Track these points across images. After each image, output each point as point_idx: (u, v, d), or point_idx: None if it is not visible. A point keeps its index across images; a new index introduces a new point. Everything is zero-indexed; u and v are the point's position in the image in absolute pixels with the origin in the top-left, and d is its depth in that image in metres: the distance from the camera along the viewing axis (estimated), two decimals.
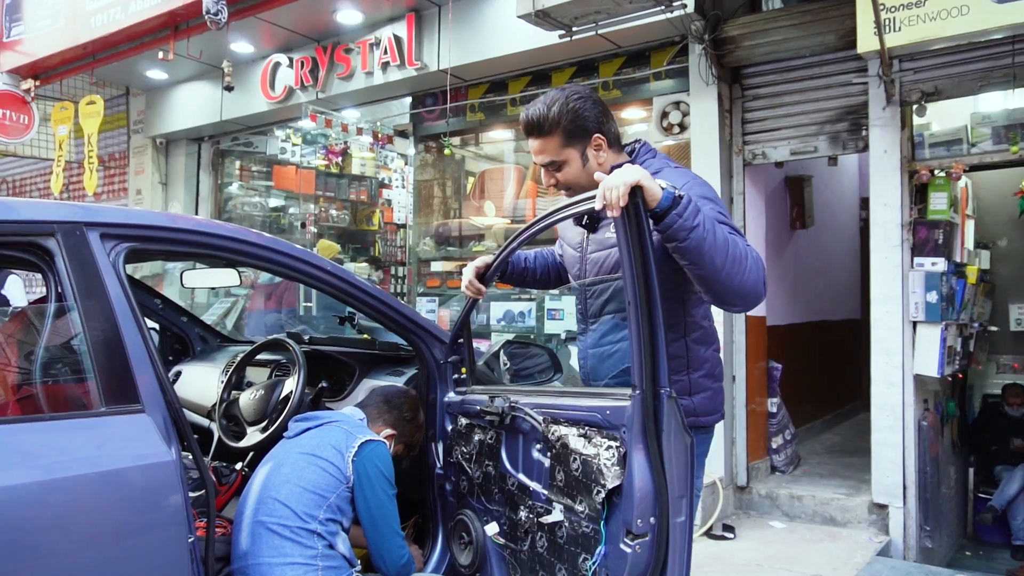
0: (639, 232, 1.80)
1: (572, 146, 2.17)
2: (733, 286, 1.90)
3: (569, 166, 2.19)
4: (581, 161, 2.19)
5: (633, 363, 1.88)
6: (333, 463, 2.22)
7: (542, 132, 2.17)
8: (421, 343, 2.74)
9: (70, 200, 8.28)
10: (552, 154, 2.19)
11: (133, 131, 8.56)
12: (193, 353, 3.73)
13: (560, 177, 2.22)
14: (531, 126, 2.19)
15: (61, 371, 2.00)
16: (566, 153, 2.18)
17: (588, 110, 2.17)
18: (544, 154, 2.20)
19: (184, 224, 2.24)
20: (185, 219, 2.27)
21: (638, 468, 1.88)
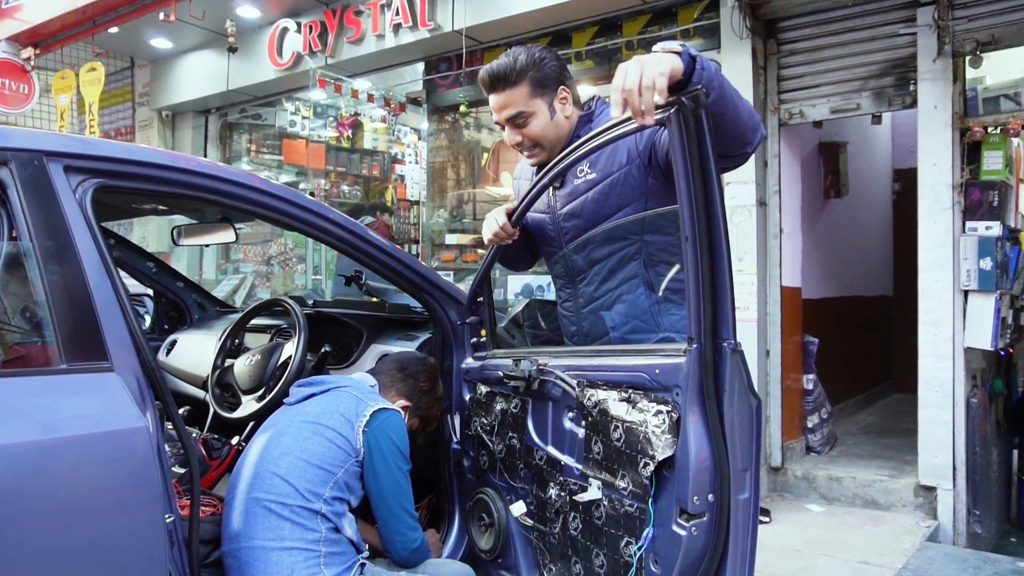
0: (698, 136, 1.48)
1: (540, 96, 2.09)
2: (748, 118, 1.74)
3: (536, 118, 2.09)
4: (549, 113, 2.10)
5: (690, 311, 1.58)
6: (341, 433, 1.93)
7: (508, 82, 2.08)
8: (436, 304, 2.45)
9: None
10: (520, 105, 2.09)
11: (139, 104, 8.29)
12: (190, 321, 3.46)
13: (527, 132, 2.11)
14: (496, 78, 2.09)
15: (15, 322, 1.72)
16: (534, 104, 2.09)
17: (553, 61, 2.13)
18: (511, 107, 2.10)
19: (166, 160, 1.94)
20: (167, 154, 1.98)
21: (695, 436, 1.59)
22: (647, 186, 2.05)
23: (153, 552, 1.62)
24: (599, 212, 2.11)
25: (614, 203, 2.09)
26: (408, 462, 2.04)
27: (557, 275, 2.28)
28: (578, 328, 2.23)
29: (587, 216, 2.13)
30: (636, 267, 2.12)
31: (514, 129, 2.13)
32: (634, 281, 2.12)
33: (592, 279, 2.16)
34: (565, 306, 2.27)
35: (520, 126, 2.12)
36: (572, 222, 2.16)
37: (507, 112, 2.12)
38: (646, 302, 2.10)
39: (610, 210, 2.09)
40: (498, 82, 2.10)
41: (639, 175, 2.05)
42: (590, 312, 2.18)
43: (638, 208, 2.08)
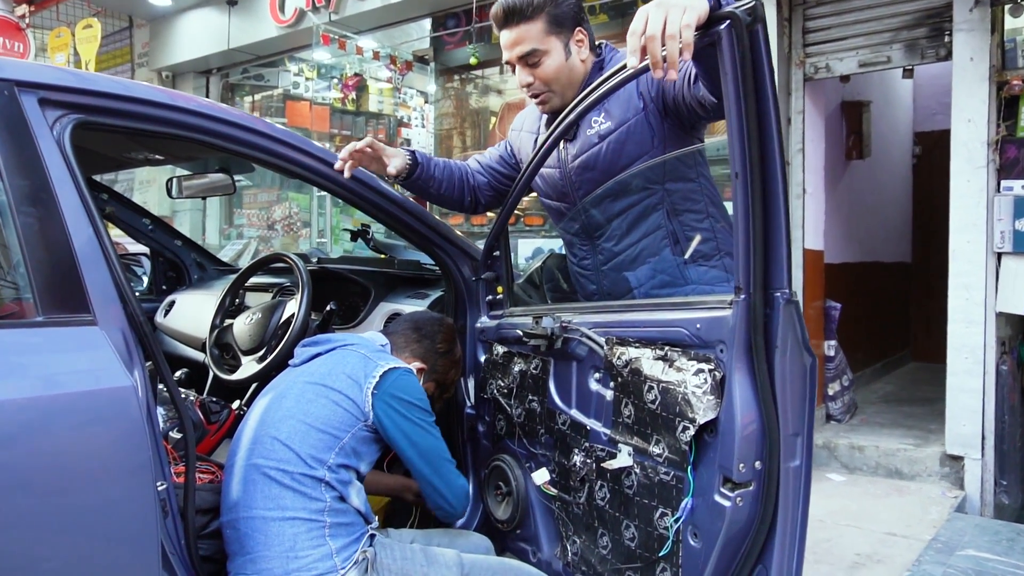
0: (753, 56, 1.30)
1: (556, 35, 1.97)
2: None
3: (550, 58, 1.97)
4: (564, 53, 1.98)
5: (737, 257, 1.40)
6: (347, 395, 1.77)
7: (523, 16, 1.95)
8: (449, 260, 2.29)
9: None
10: (534, 42, 1.96)
11: (137, 65, 8.08)
12: (189, 281, 3.31)
13: (540, 73, 1.98)
14: (511, 11, 1.96)
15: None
16: (549, 42, 1.97)
17: (571, 1, 2.00)
18: (524, 43, 1.97)
19: (156, 96, 1.76)
20: (158, 90, 1.80)
21: (741, 397, 1.42)
22: (664, 132, 1.93)
23: (144, 522, 1.48)
24: (616, 163, 1.97)
25: (631, 152, 1.95)
26: (431, 413, 1.88)
27: (572, 232, 2.14)
28: (598, 287, 2.09)
29: (603, 168, 1.99)
30: (659, 218, 1.98)
31: (526, 69, 2.00)
32: (658, 233, 1.99)
33: (612, 234, 2.02)
34: (583, 264, 2.12)
35: (532, 65, 1.98)
36: (587, 175, 2.02)
37: (519, 49, 1.97)
38: (671, 255, 1.96)
39: (627, 160, 1.96)
40: (512, 16, 1.96)
41: (656, 120, 1.93)
42: (611, 269, 2.04)
43: (656, 156, 1.95)
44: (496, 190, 2.30)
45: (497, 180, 2.29)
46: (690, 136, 2.00)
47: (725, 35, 1.30)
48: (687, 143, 2.00)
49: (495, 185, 2.29)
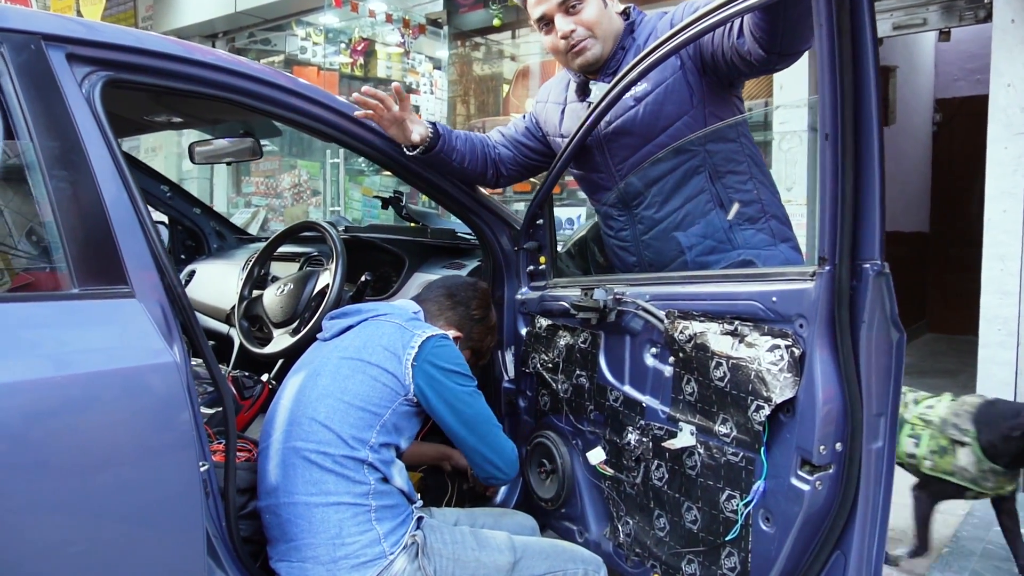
0: (854, 10, 1.19)
1: None
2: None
3: (590, 4, 1.91)
4: (603, 2, 1.93)
5: (823, 224, 1.31)
6: (387, 369, 1.68)
7: None
8: (487, 228, 2.19)
9: None
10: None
11: (142, 28, 7.89)
12: (208, 250, 3.21)
13: (583, 18, 1.91)
14: None
15: (16, 239, 1.46)
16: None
17: None
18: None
19: (189, 53, 1.65)
20: (190, 47, 1.69)
21: (823, 375, 1.34)
22: (704, 90, 1.85)
23: (188, 505, 1.40)
24: (654, 125, 1.88)
25: (670, 113, 1.86)
26: (473, 378, 1.79)
27: (606, 202, 2.04)
28: (639, 258, 1.99)
29: (640, 131, 1.90)
30: (701, 182, 1.89)
31: (566, 16, 1.91)
32: (701, 197, 1.90)
33: (652, 201, 1.93)
34: (621, 236, 2.03)
35: (573, 11, 1.90)
36: (623, 140, 1.93)
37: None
38: (716, 218, 1.87)
39: (666, 121, 1.87)
40: None
41: (694, 78, 1.85)
42: (653, 238, 1.95)
43: (697, 116, 1.87)
44: (519, 164, 2.21)
45: (522, 154, 2.21)
46: (729, 93, 1.92)
47: None
48: (726, 101, 1.92)
49: (519, 159, 2.21)
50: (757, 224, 1.90)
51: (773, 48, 1.53)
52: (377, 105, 1.87)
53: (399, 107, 1.89)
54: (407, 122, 1.92)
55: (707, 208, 1.87)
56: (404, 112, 1.90)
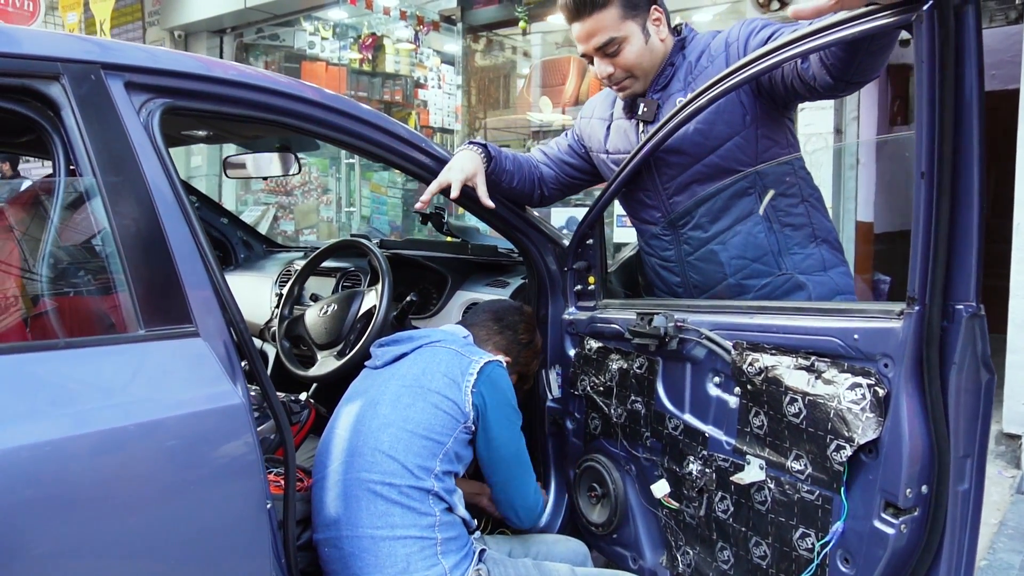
0: (958, 43, 1.15)
1: (632, 18, 1.85)
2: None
3: (630, 44, 1.85)
4: (643, 36, 1.87)
5: (915, 263, 1.27)
6: (447, 396, 1.65)
7: (596, 6, 1.82)
8: (532, 246, 2.15)
9: None
10: (611, 30, 1.84)
11: (148, 23, 7.81)
12: (236, 261, 3.17)
13: (620, 61, 1.87)
14: (581, 2, 1.83)
15: (80, 279, 1.42)
16: (626, 28, 1.84)
17: None
18: (601, 33, 1.84)
19: (248, 78, 1.61)
20: (248, 71, 1.65)
21: (910, 417, 1.30)
22: (757, 110, 1.81)
23: (257, 546, 1.38)
24: (704, 144, 1.84)
25: (721, 133, 1.82)
26: (519, 414, 1.78)
27: (651, 221, 2.01)
28: (683, 279, 1.96)
29: (690, 150, 1.86)
30: (750, 203, 1.85)
31: (604, 59, 1.88)
32: (749, 220, 1.85)
33: (699, 222, 1.90)
34: (664, 255, 2.00)
35: (612, 55, 1.86)
36: (672, 159, 1.88)
37: (597, 40, 1.85)
38: (765, 241, 1.83)
39: (716, 141, 1.83)
40: (584, 7, 1.84)
41: (748, 98, 1.80)
42: (699, 259, 1.92)
43: (748, 137, 1.82)
44: (561, 183, 2.18)
45: (565, 172, 2.18)
46: (782, 115, 1.88)
47: (926, 17, 1.14)
48: (779, 123, 1.88)
49: (561, 178, 2.18)
50: (808, 248, 1.87)
51: (844, 76, 1.49)
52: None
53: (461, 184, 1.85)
54: (475, 182, 1.88)
55: (756, 231, 1.84)
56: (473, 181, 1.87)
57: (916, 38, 1.16)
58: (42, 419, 1.15)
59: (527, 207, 2.16)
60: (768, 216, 1.83)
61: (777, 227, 1.82)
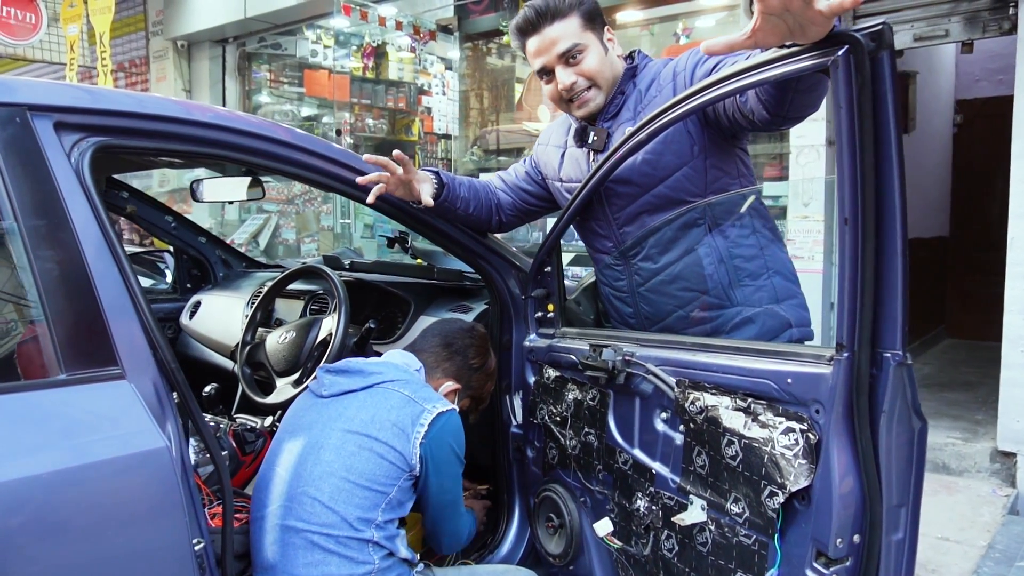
0: (875, 87, 1.13)
1: (591, 30, 1.85)
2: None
3: (591, 52, 1.84)
4: (603, 48, 1.87)
5: (842, 311, 1.24)
6: (393, 447, 1.62)
7: (557, 15, 1.83)
8: (494, 272, 2.13)
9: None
10: (574, 37, 1.83)
11: (152, 33, 7.86)
12: (214, 280, 3.17)
13: (584, 69, 1.85)
14: (543, 13, 1.83)
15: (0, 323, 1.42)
16: (587, 37, 1.84)
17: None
18: (563, 40, 1.83)
19: (179, 112, 1.61)
20: (181, 105, 1.64)
21: (840, 465, 1.28)
22: (705, 140, 1.78)
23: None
24: (653, 175, 1.81)
25: (669, 164, 1.79)
26: (463, 462, 1.76)
27: (604, 251, 1.98)
28: (635, 310, 1.93)
29: (639, 181, 1.83)
30: (700, 234, 1.82)
31: (567, 68, 1.85)
32: (698, 251, 1.83)
33: (648, 253, 1.87)
34: (617, 285, 1.97)
35: (574, 63, 1.83)
36: (620, 188, 1.86)
37: (560, 47, 1.83)
38: (715, 272, 1.80)
39: (665, 172, 1.80)
40: (546, 16, 1.83)
41: (696, 129, 1.77)
42: (649, 291, 1.89)
43: (697, 167, 1.79)
44: (518, 209, 2.16)
45: (521, 199, 2.15)
46: (732, 145, 1.84)
47: (842, 62, 1.12)
48: (729, 152, 1.84)
49: (518, 204, 2.15)
50: (759, 281, 1.83)
51: (779, 112, 1.46)
52: (382, 175, 1.81)
53: (403, 171, 1.83)
54: (413, 183, 1.86)
55: (706, 262, 1.81)
56: (408, 174, 1.84)
57: (833, 83, 1.13)
58: None
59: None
60: (718, 247, 1.80)
61: (727, 258, 1.79)
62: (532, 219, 2.23)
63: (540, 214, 2.19)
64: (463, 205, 2.00)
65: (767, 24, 1.08)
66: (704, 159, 1.77)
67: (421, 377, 1.81)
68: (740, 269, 1.79)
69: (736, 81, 1.32)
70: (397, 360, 1.84)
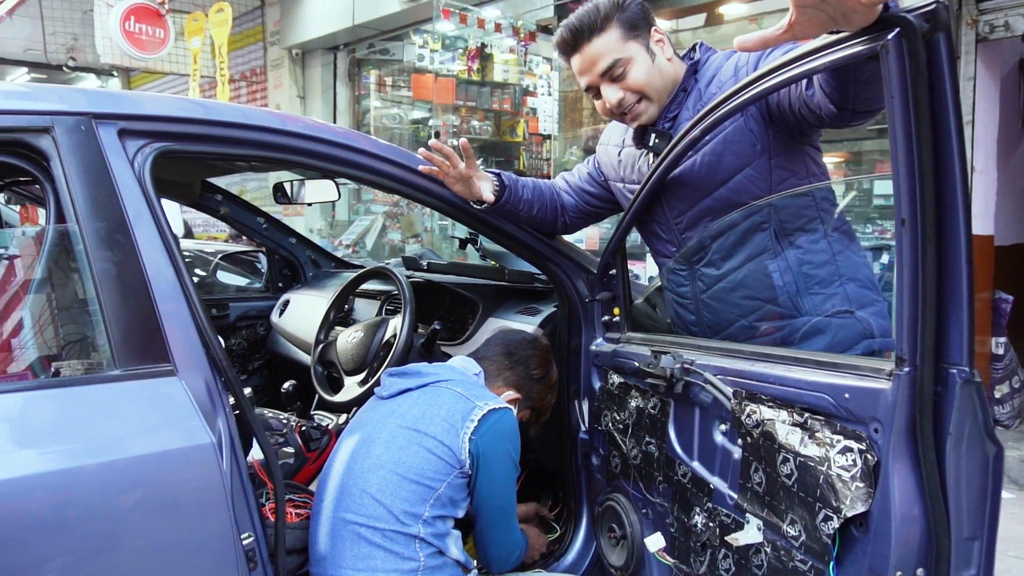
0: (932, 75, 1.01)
1: (634, 39, 1.74)
2: None
3: (636, 64, 1.74)
4: (649, 56, 1.75)
5: (902, 321, 1.13)
6: (443, 442, 1.62)
7: (594, 30, 1.74)
8: (562, 274, 2.09)
9: None
10: (615, 52, 1.73)
11: (269, 43, 8.26)
12: (304, 279, 3.27)
13: (630, 83, 1.74)
14: (579, 30, 1.75)
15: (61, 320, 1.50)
16: (629, 49, 1.74)
17: (636, 2, 1.76)
18: (604, 57, 1.74)
19: (238, 117, 1.65)
20: (240, 110, 1.69)
21: (901, 491, 1.16)
22: (769, 139, 1.65)
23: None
24: (713, 177, 1.71)
25: (730, 164, 1.69)
26: (518, 468, 1.73)
27: (666, 255, 1.90)
28: (698, 318, 1.84)
29: (699, 183, 1.73)
30: (764, 239, 1.71)
31: (612, 84, 1.76)
32: (763, 257, 1.71)
33: (712, 259, 1.77)
34: (680, 291, 1.88)
35: (619, 78, 1.75)
36: (680, 191, 1.77)
37: (601, 64, 1.75)
38: (780, 281, 1.68)
39: (725, 174, 1.70)
40: (582, 34, 1.75)
41: (758, 127, 1.65)
42: (711, 298, 1.79)
43: (760, 168, 1.67)
44: (581, 211, 2.10)
45: (584, 201, 2.09)
46: (800, 143, 1.70)
47: (893, 47, 1.01)
48: (796, 152, 1.70)
49: (581, 207, 2.09)
50: (830, 288, 1.69)
51: (846, 105, 1.34)
52: (443, 162, 1.81)
53: (465, 164, 1.82)
54: (473, 179, 1.85)
55: (770, 269, 1.69)
56: (470, 169, 1.83)
57: (884, 70, 1.03)
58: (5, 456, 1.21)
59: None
60: (784, 253, 1.68)
61: (795, 265, 1.67)
62: (596, 221, 2.17)
63: (603, 216, 2.13)
64: (526, 207, 1.96)
65: (804, 16, 1.00)
66: (768, 159, 1.66)
67: (480, 381, 1.80)
68: (809, 276, 1.67)
69: (782, 73, 1.23)
70: (457, 364, 1.84)
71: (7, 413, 1.26)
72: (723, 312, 1.76)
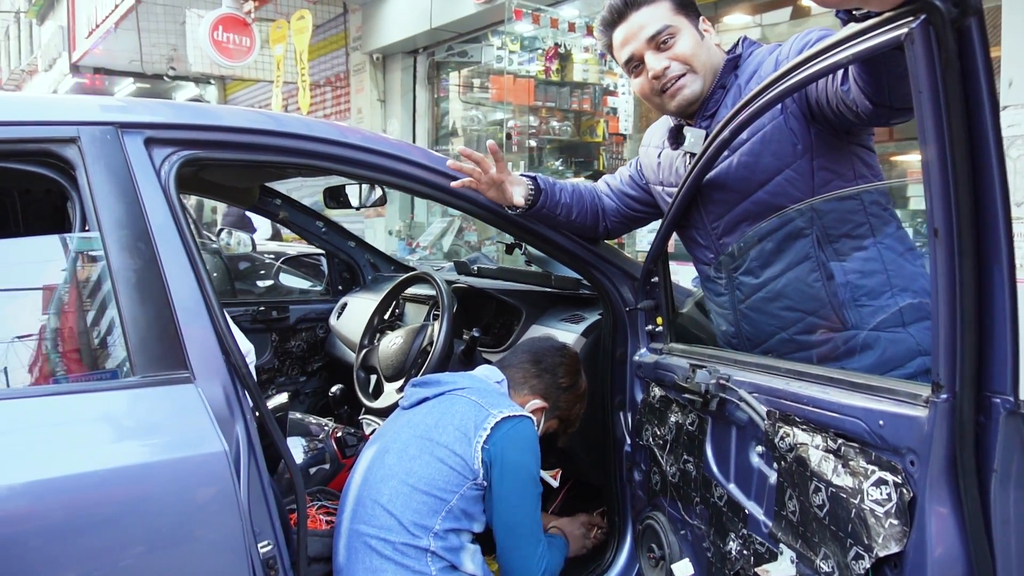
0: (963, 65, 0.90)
1: (684, 14, 1.69)
2: None
3: (684, 35, 1.67)
4: (698, 33, 1.69)
5: (937, 343, 1.01)
6: (455, 451, 1.58)
7: (646, 0, 1.66)
8: (607, 281, 2.02)
9: None
10: (664, 19, 1.67)
11: (352, 48, 8.42)
12: (363, 282, 3.30)
13: (676, 53, 1.67)
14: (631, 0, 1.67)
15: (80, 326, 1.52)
16: (679, 20, 1.68)
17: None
18: (653, 23, 1.66)
19: (264, 124, 1.66)
20: (266, 116, 1.70)
21: (938, 532, 1.04)
22: (811, 139, 1.53)
23: None
24: (750, 179, 1.60)
25: (769, 166, 1.57)
26: (539, 484, 1.67)
27: (705, 262, 1.80)
28: (736, 330, 1.73)
29: (736, 186, 1.63)
30: (806, 246, 1.57)
31: (658, 53, 1.68)
32: (805, 265, 1.58)
33: (750, 266, 1.65)
34: (719, 300, 1.77)
35: (665, 47, 1.67)
36: (716, 195, 1.67)
37: (648, 30, 1.67)
38: (823, 292, 1.55)
39: (764, 175, 1.59)
40: (633, 2, 1.68)
41: (799, 125, 1.53)
42: (750, 308, 1.68)
43: (801, 170, 1.55)
44: (623, 216, 2.01)
45: (626, 204, 2.01)
46: (846, 142, 1.57)
47: (918, 33, 0.90)
48: (842, 152, 1.57)
49: (622, 211, 2.01)
50: (879, 300, 1.54)
51: (881, 102, 1.22)
52: (474, 170, 1.76)
53: (496, 168, 1.77)
54: (506, 184, 1.79)
55: (812, 278, 1.57)
56: (501, 174, 1.78)
57: (910, 62, 0.92)
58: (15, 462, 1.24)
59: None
60: (826, 262, 1.56)
61: (839, 274, 1.54)
62: (638, 226, 2.09)
63: (646, 221, 2.04)
64: (564, 212, 1.90)
65: None
66: (810, 160, 1.54)
67: (502, 390, 1.75)
68: (857, 287, 1.53)
69: (807, 68, 1.12)
70: (478, 373, 1.80)
71: (22, 418, 1.29)
72: (762, 324, 1.64)
